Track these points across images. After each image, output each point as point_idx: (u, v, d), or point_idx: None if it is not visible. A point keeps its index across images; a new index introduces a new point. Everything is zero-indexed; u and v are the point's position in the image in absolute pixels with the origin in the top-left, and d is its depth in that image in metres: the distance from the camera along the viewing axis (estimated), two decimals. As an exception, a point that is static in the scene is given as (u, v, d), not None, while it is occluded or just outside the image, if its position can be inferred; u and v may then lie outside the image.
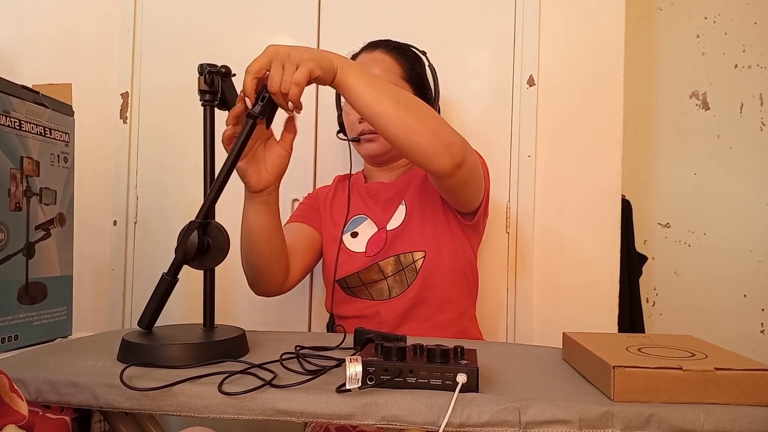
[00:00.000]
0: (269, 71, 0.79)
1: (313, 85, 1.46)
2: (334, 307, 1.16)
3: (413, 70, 1.18)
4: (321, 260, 1.22)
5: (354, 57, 1.20)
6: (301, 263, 1.14)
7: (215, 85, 0.85)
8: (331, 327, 1.18)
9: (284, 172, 0.92)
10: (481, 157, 1.10)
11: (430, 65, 1.22)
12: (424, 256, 1.08)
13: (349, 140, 1.20)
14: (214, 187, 0.81)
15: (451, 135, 0.91)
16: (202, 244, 0.78)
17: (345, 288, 1.13)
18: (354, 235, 1.15)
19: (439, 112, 1.23)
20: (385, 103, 0.86)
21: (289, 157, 0.91)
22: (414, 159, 0.92)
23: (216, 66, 0.86)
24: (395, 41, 1.20)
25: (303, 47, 0.83)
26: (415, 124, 0.87)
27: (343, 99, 1.20)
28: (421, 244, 1.09)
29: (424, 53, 1.22)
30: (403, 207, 1.13)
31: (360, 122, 1.15)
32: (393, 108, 0.86)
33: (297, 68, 0.78)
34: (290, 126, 0.89)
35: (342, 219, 1.18)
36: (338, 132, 1.25)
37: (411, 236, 1.10)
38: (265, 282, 1.04)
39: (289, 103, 0.80)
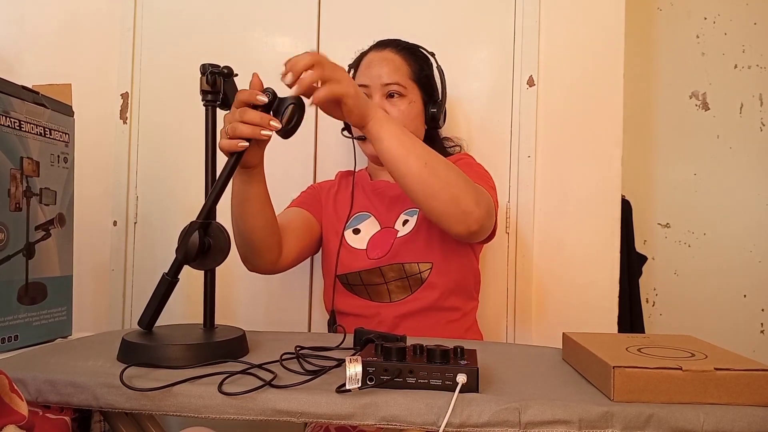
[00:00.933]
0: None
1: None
2: (334, 301, 1.15)
3: (422, 71, 1.18)
4: (320, 253, 1.21)
5: (362, 55, 1.20)
6: (297, 243, 1.12)
7: (217, 85, 0.85)
8: (332, 326, 1.17)
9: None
10: (492, 183, 1.10)
11: (438, 67, 1.22)
12: (431, 268, 1.08)
13: (353, 138, 1.20)
14: (215, 187, 0.81)
15: (473, 203, 0.90)
16: (203, 244, 0.78)
17: (345, 284, 1.13)
18: (356, 231, 1.15)
19: (445, 114, 1.23)
20: (412, 163, 0.88)
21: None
22: (429, 218, 0.95)
23: (218, 66, 0.85)
24: (405, 41, 1.20)
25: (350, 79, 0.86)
26: (437, 190, 0.88)
27: None
28: (428, 255, 1.08)
29: (432, 55, 1.21)
30: (415, 216, 1.12)
31: None
32: (418, 170, 0.88)
33: (338, 81, 0.81)
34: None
35: (345, 214, 1.17)
36: (343, 129, 1.25)
37: (418, 246, 1.09)
38: (259, 256, 1.03)
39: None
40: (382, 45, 1.19)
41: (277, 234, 1.04)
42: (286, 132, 0.82)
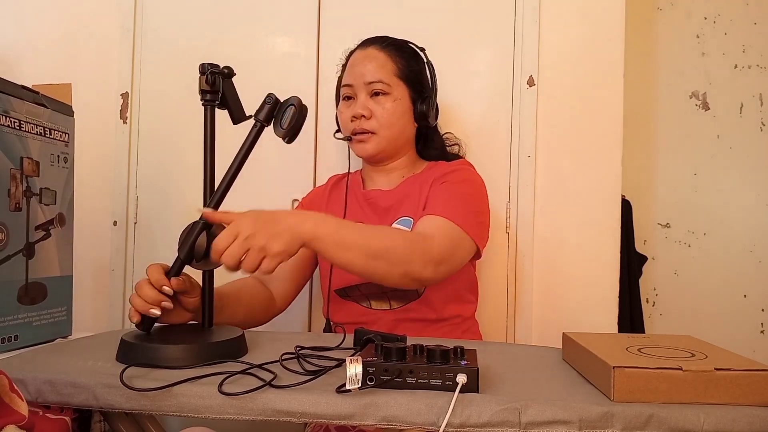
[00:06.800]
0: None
1: (313, 83, 1.47)
2: (332, 314, 1.15)
3: (408, 67, 1.14)
4: (317, 269, 1.21)
5: (349, 54, 1.19)
6: (292, 286, 1.16)
7: (217, 85, 0.85)
8: (327, 332, 1.17)
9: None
10: (479, 207, 1.09)
11: (428, 62, 1.17)
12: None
13: (345, 139, 1.18)
14: (219, 188, 0.81)
15: (421, 267, 0.92)
16: (209, 245, 0.78)
17: (344, 296, 1.12)
18: None
19: (437, 110, 1.19)
20: (356, 262, 0.89)
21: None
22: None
23: (218, 66, 0.85)
24: (392, 38, 1.17)
25: (268, 225, 0.80)
26: (385, 272, 0.91)
27: (340, 96, 1.18)
28: None
29: (422, 50, 1.17)
30: (410, 222, 1.10)
31: (352, 121, 1.12)
32: (364, 263, 0.89)
33: (264, 258, 0.79)
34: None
35: None
36: (336, 131, 1.24)
37: None
38: (253, 324, 1.06)
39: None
40: (367, 43, 1.16)
41: (261, 309, 1.08)
42: (288, 135, 0.82)
